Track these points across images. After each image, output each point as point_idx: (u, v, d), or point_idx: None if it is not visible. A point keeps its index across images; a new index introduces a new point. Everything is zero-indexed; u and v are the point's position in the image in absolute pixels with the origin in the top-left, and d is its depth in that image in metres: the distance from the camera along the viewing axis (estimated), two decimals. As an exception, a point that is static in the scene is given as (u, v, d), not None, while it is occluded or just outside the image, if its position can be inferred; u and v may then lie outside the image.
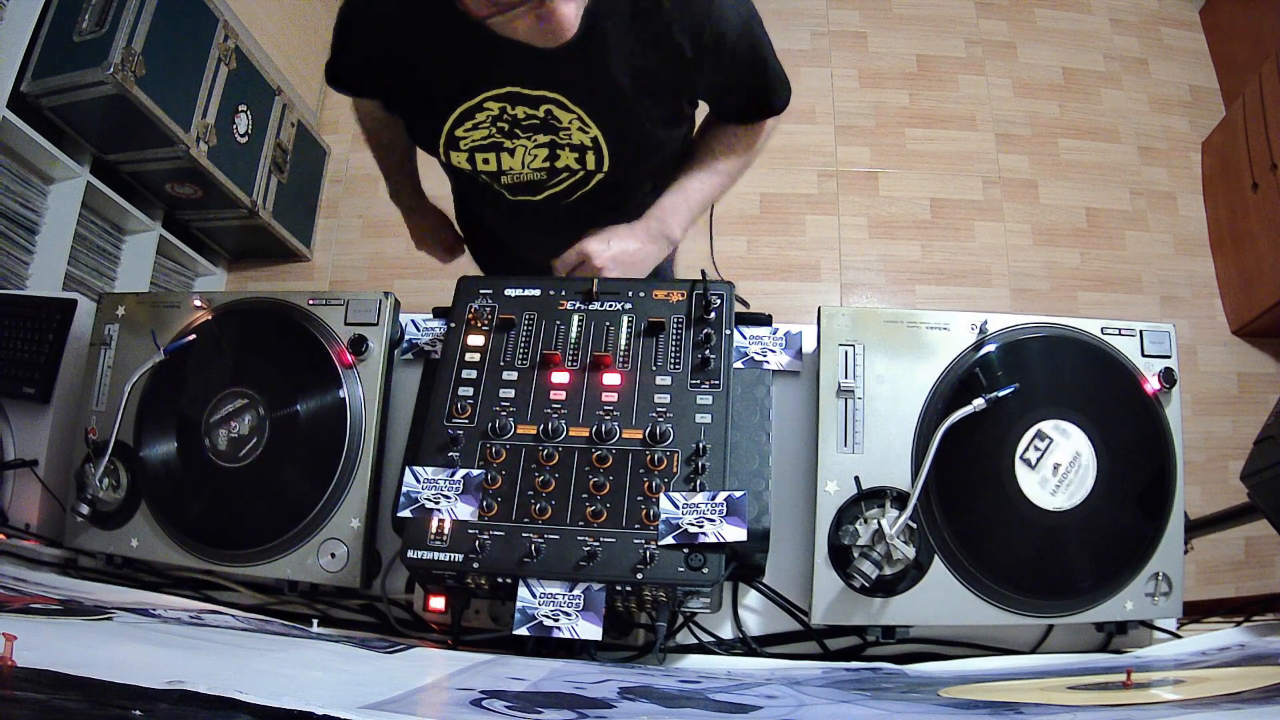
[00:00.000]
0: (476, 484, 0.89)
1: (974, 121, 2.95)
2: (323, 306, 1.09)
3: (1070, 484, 0.96)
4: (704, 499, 0.86)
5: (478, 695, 0.66)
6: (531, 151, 1.08)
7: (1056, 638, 1.01)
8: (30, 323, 1.23)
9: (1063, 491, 0.96)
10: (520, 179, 1.12)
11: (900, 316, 1.02)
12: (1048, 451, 0.97)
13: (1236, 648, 0.94)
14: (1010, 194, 2.85)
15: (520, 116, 1.04)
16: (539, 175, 1.11)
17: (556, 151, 1.07)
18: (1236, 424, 2.52)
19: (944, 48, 3.06)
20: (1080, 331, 1.02)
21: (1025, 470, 0.96)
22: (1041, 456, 0.96)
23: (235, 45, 2.45)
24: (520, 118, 1.04)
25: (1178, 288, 2.72)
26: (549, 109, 1.03)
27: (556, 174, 1.11)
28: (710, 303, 0.98)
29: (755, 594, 1.03)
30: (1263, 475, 0.98)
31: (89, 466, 1.05)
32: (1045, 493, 0.96)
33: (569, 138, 1.06)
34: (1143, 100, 2.96)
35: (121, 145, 2.29)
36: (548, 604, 0.84)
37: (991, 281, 2.75)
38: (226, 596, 1.09)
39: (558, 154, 1.08)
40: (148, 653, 0.71)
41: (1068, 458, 0.97)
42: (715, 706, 0.70)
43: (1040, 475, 0.96)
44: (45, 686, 0.48)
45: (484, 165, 1.10)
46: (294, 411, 1.05)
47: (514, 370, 0.97)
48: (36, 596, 0.92)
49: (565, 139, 1.06)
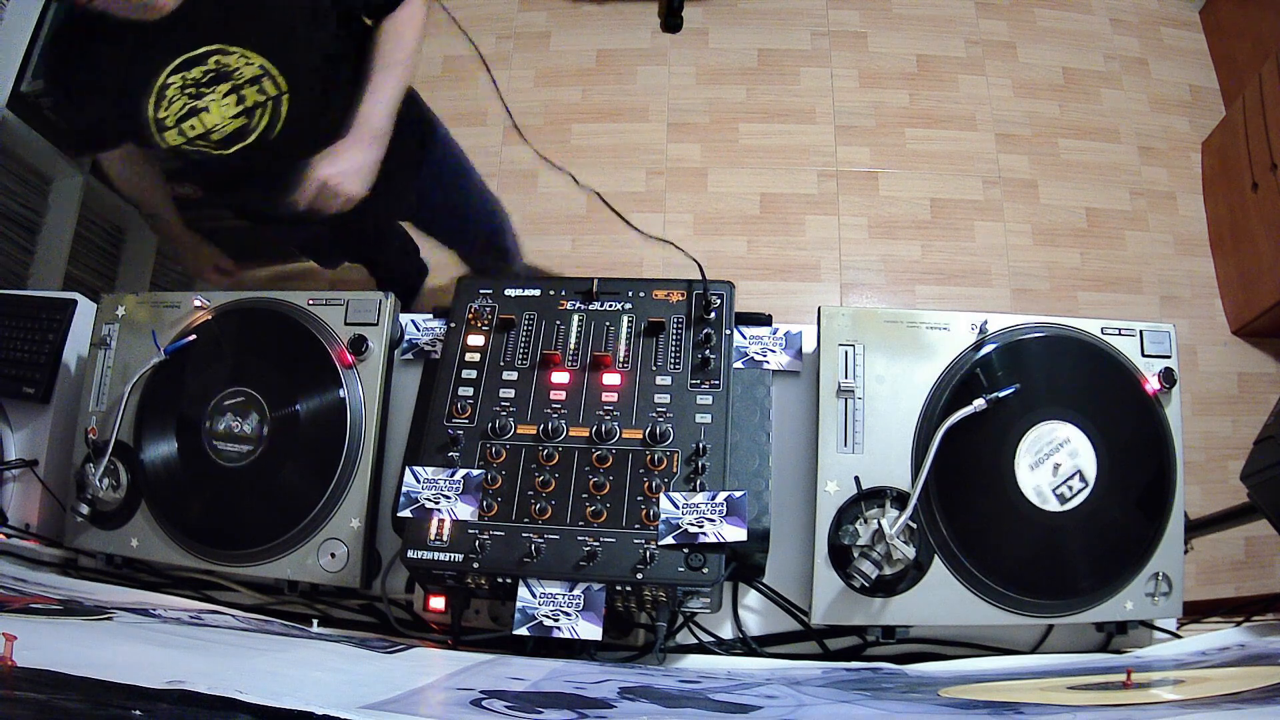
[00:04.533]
0: (476, 484, 0.89)
1: (974, 121, 2.94)
2: (323, 306, 1.09)
3: (1070, 484, 0.96)
4: (704, 499, 0.86)
5: (478, 695, 0.66)
6: (221, 103, 1.23)
7: (1056, 638, 1.01)
8: (30, 323, 1.23)
9: (1063, 491, 0.96)
10: (227, 130, 1.25)
11: (900, 316, 1.02)
12: (1048, 452, 0.97)
13: (1236, 648, 0.94)
14: (1010, 194, 2.85)
15: (198, 77, 1.20)
16: (239, 121, 1.25)
17: (241, 93, 1.23)
18: (1236, 424, 2.52)
19: (944, 48, 3.06)
20: (1080, 331, 1.02)
21: (1025, 470, 0.96)
22: (1041, 457, 0.96)
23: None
24: (199, 78, 1.20)
25: (1178, 288, 2.72)
26: (215, 59, 1.20)
27: (253, 114, 1.25)
28: (710, 303, 0.98)
29: (755, 594, 1.03)
30: (1263, 475, 0.98)
31: (89, 466, 1.05)
32: (1045, 493, 0.96)
33: (241, 75, 1.21)
34: (1143, 100, 2.96)
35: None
36: (548, 604, 0.84)
37: (991, 281, 2.75)
38: (226, 596, 1.09)
39: (243, 95, 1.23)
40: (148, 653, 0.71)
41: (1068, 458, 0.97)
42: (715, 706, 0.70)
43: (1040, 475, 0.96)
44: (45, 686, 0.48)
45: (192, 131, 1.24)
46: (294, 411, 1.04)
47: (514, 370, 0.97)
48: (36, 596, 0.92)
49: (240, 78, 1.22)
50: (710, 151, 2.85)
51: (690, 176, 2.79)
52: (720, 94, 2.87)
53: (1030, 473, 0.96)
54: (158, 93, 1.21)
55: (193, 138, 1.25)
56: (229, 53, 1.19)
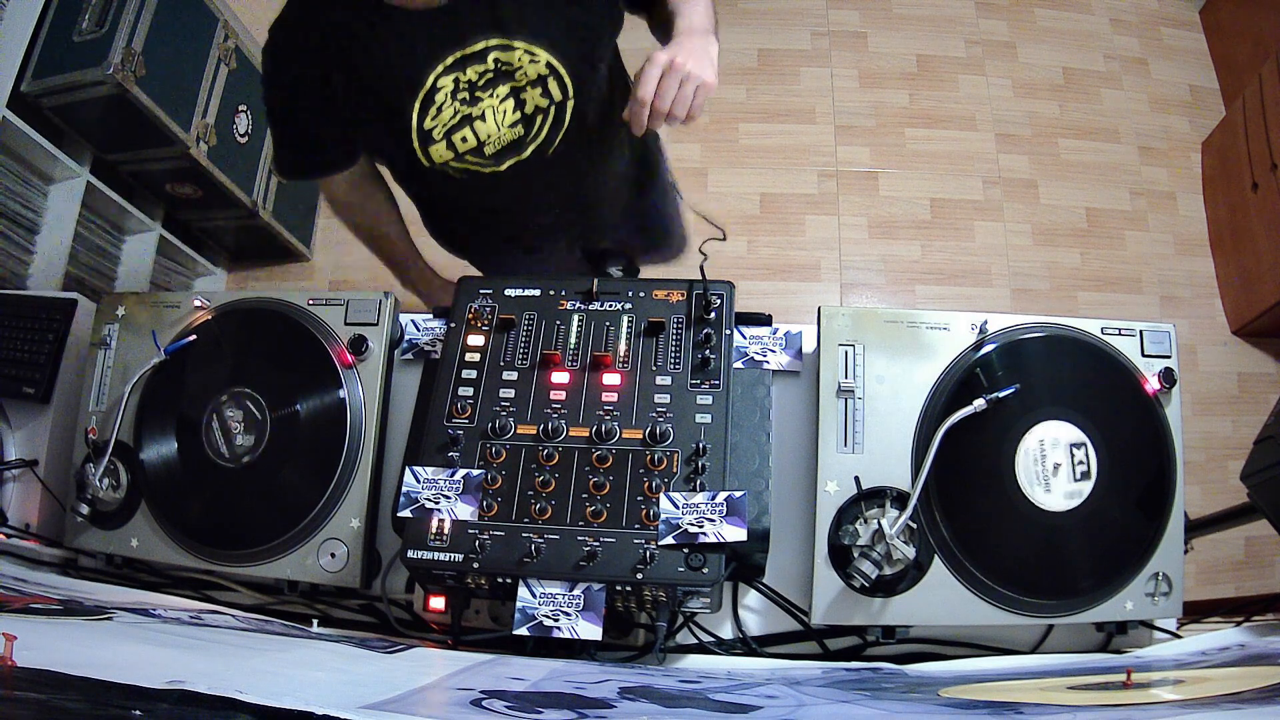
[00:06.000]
0: (476, 484, 0.89)
1: (974, 121, 2.95)
2: (323, 306, 1.09)
3: (1070, 484, 0.96)
4: (704, 499, 0.86)
5: (478, 695, 0.66)
6: (499, 108, 1.06)
7: (1056, 638, 1.01)
8: (30, 323, 1.23)
9: (1063, 491, 0.96)
10: (502, 142, 1.09)
11: (900, 316, 1.02)
12: (1048, 452, 0.97)
13: (1236, 648, 0.94)
14: (1010, 194, 2.85)
15: (474, 78, 1.02)
16: (516, 131, 1.09)
17: (521, 97, 1.06)
18: (1236, 424, 2.52)
19: (944, 48, 3.06)
20: (1080, 331, 1.02)
21: (1025, 470, 0.96)
22: (1041, 456, 0.96)
23: (235, 45, 2.45)
24: (475, 79, 1.02)
25: (1178, 288, 2.72)
26: (494, 55, 1.02)
27: (532, 122, 1.09)
28: (710, 302, 0.98)
29: (755, 594, 1.03)
30: (1263, 475, 0.98)
31: (89, 466, 1.05)
32: (1045, 493, 0.96)
33: (525, 76, 1.04)
34: (1143, 100, 2.96)
35: (121, 145, 2.29)
36: (548, 604, 0.84)
37: (991, 281, 2.75)
38: (226, 596, 1.09)
39: (523, 98, 1.06)
40: (148, 653, 0.71)
41: (1068, 458, 0.97)
42: (715, 706, 0.70)
43: (1040, 475, 0.96)
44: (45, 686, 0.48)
45: (463, 145, 1.08)
46: (294, 411, 1.04)
47: (514, 370, 0.97)
48: (36, 596, 0.92)
49: (523, 79, 1.04)
50: (710, 151, 2.86)
51: (691, 176, 2.79)
52: (720, 94, 2.86)
53: (1030, 473, 0.96)
54: (424, 98, 1.01)
55: (463, 152, 1.07)
56: (511, 48, 1.00)
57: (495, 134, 1.08)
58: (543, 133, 1.11)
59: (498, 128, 1.07)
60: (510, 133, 1.09)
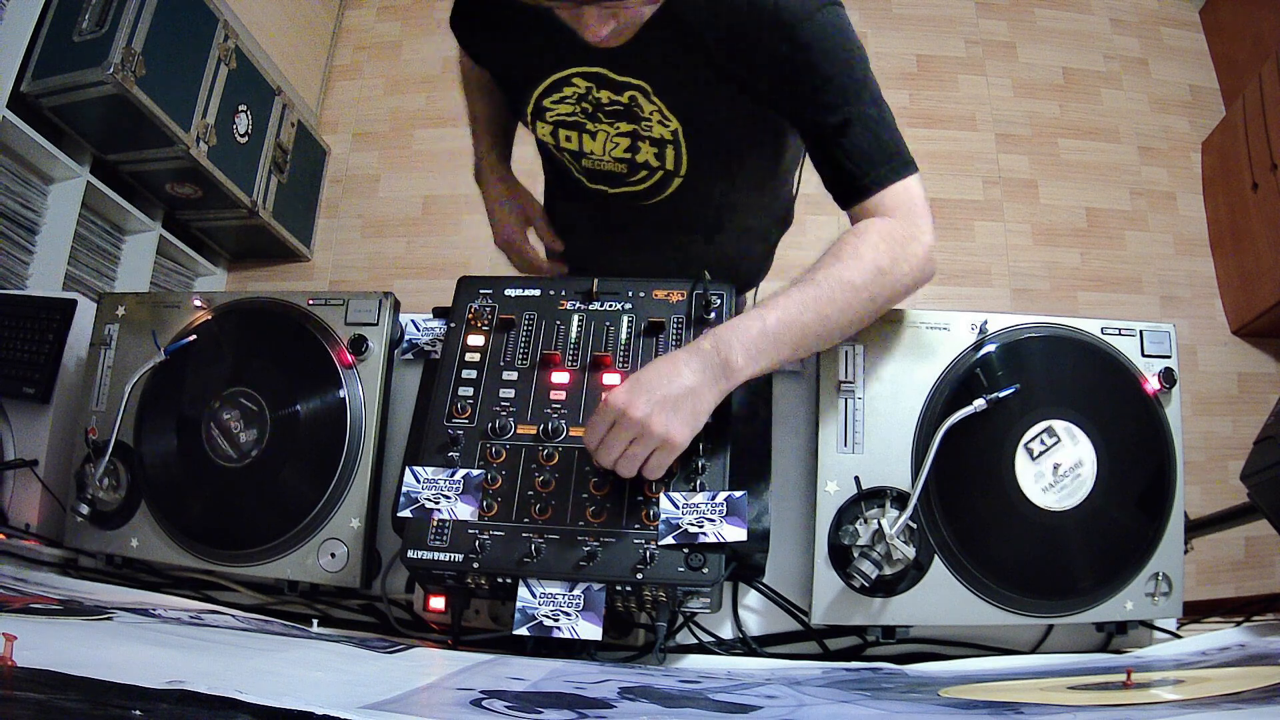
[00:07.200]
0: (476, 484, 0.89)
1: (974, 121, 2.94)
2: (323, 306, 1.09)
3: (1070, 484, 0.96)
4: (704, 499, 0.86)
5: (478, 695, 0.66)
6: (613, 139, 1.05)
7: (1056, 638, 1.01)
8: (30, 323, 1.23)
9: (1063, 491, 0.96)
10: (600, 166, 1.09)
11: (900, 316, 1.02)
12: (1048, 451, 0.97)
13: (1236, 648, 0.94)
14: (1010, 194, 2.85)
15: (604, 100, 1.02)
16: (619, 167, 1.08)
17: (637, 144, 1.05)
18: (1236, 424, 2.52)
19: (944, 48, 3.06)
20: (1080, 331, 1.02)
21: (1025, 470, 0.96)
22: (1042, 456, 0.96)
23: (235, 45, 2.45)
24: (604, 101, 1.02)
25: (1178, 288, 2.72)
26: (633, 95, 1.00)
27: (636, 170, 1.08)
28: (710, 303, 0.98)
29: (755, 594, 1.03)
30: (1263, 475, 0.98)
31: (89, 466, 1.05)
32: (1045, 493, 0.96)
33: (650, 130, 1.02)
34: (1143, 100, 2.96)
35: (121, 145, 2.29)
36: (548, 604, 0.84)
37: (991, 281, 2.75)
38: (226, 596, 1.09)
39: (638, 146, 1.05)
40: (148, 653, 0.71)
41: (1068, 458, 0.97)
42: (715, 706, 0.70)
43: (1040, 475, 0.96)
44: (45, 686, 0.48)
45: (566, 143, 1.08)
46: (294, 411, 1.04)
47: (514, 370, 0.97)
48: (36, 596, 0.92)
49: (646, 131, 1.03)
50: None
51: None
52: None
53: (1030, 472, 0.96)
54: (555, 82, 1.02)
55: (562, 146, 1.08)
56: (651, 101, 0.99)
57: (599, 155, 1.08)
58: (641, 187, 1.10)
59: (604, 153, 1.07)
60: (613, 165, 1.08)
